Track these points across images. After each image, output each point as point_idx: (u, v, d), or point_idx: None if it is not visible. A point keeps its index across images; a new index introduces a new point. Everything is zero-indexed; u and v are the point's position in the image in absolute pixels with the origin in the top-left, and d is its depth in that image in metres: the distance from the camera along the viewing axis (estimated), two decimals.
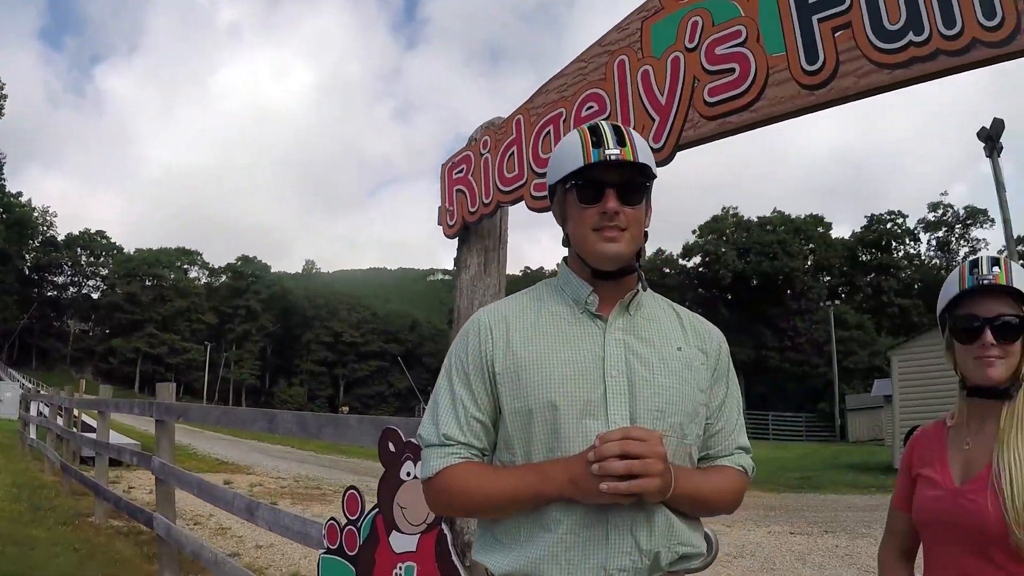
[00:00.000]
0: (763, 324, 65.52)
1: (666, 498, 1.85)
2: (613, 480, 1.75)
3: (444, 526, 3.60)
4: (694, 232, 73.52)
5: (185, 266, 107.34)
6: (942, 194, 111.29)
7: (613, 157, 1.92)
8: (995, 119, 23.35)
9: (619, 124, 2.06)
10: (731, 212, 73.93)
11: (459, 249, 4.32)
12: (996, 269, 2.13)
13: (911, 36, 2.57)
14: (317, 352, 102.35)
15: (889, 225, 74.85)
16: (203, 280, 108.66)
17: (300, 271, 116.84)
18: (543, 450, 1.90)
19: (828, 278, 73.56)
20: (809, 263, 71.60)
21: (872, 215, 77.01)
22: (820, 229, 74.53)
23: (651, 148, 3.23)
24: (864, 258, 74.96)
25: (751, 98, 2.81)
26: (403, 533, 3.83)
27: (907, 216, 76.59)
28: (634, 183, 1.97)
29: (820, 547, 10.58)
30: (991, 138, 23.35)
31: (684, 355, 2.03)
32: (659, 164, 3.22)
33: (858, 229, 76.62)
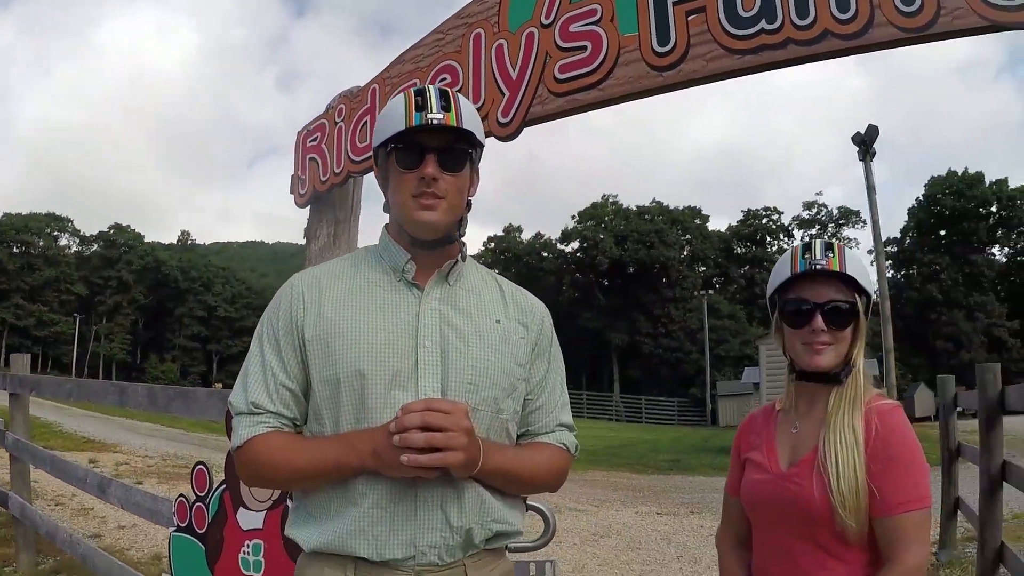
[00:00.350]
0: (638, 310, 66.74)
1: (474, 473, 1.80)
2: (414, 452, 1.69)
3: (290, 503, 3.51)
4: (573, 218, 74.33)
5: (55, 233, 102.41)
6: (817, 194, 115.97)
7: (435, 121, 1.84)
8: (870, 125, 24.64)
9: (447, 88, 1.97)
10: (610, 200, 75.03)
11: (309, 219, 4.23)
12: (830, 254, 2.09)
13: (763, 24, 2.60)
14: (190, 327, 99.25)
15: (764, 220, 77.12)
16: (74, 248, 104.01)
17: (175, 242, 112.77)
18: (351, 421, 1.83)
19: (703, 268, 75.42)
20: (685, 253, 73.27)
21: (748, 210, 79.29)
22: (697, 221, 76.34)
23: (499, 123, 3.25)
24: (739, 251, 77.13)
25: (600, 76, 2.81)
26: (250, 510, 3.73)
27: (782, 213, 79.05)
28: (456, 150, 1.90)
29: (686, 527, 10.80)
30: (865, 143, 24.62)
31: (502, 328, 1.97)
32: (505, 139, 3.22)
33: (734, 223, 78.90)
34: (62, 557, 6.98)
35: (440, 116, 1.85)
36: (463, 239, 2.00)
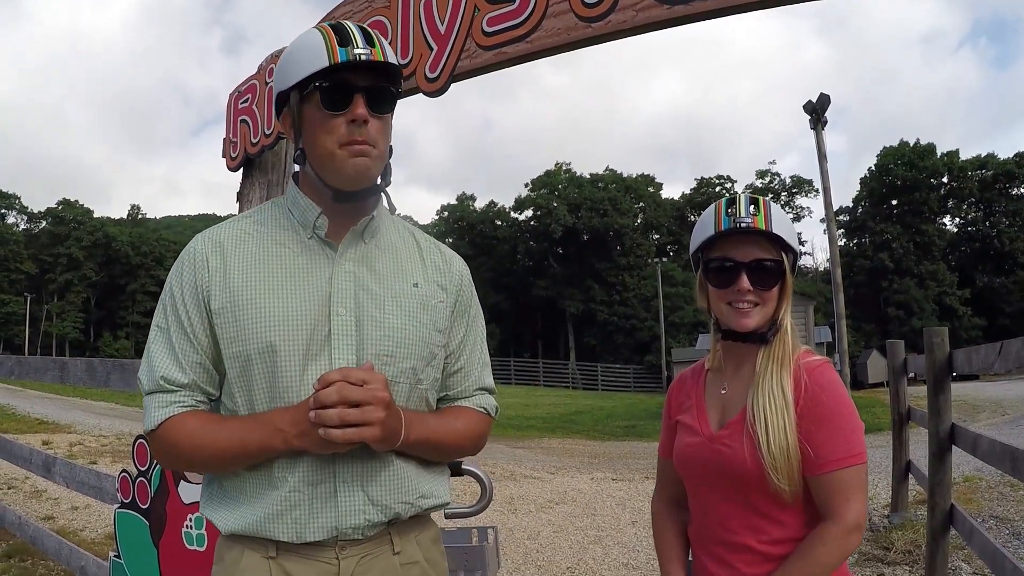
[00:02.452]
0: (593, 278, 66.91)
1: (397, 446, 1.72)
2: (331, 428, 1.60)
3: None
4: (527, 186, 74.11)
5: (2, 211, 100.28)
6: (770, 163, 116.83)
7: (363, 57, 1.69)
8: (821, 94, 24.84)
9: (363, 25, 1.79)
10: (564, 168, 74.91)
11: (242, 182, 4.13)
12: (755, 211, 2.02)
13: None
14: (143, 303, 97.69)
15: (717, 189, 77.44)
16: (22, 226, 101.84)
17: (125, 217, 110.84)
18: (265, 399, 1.72)
19: (657, 236, 75.68)
20: (639, 221, 73.47)
21: (701, 178, 79.64)
22: (651, 189, 76.53)
23: (427, 78, 3.18)
24: (692, 218, 77.28)
25: (528, 28, 2.74)
26: (191, 483, 3.68)
27: (736, 181, 79.44)
28: (385, 90, 1.75)
29: (640, 492, 10.89)
30: (816, 111, 24.84)
31: (421, 293, 1.86)
32: (434, 94, 3.16)
33: (688, 191, 79.24)
34: (14, 540, 6.89)
35: (367, 51, 1.69)
36: (387, 187, 1.87)
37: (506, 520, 8.99)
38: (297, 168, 1.88)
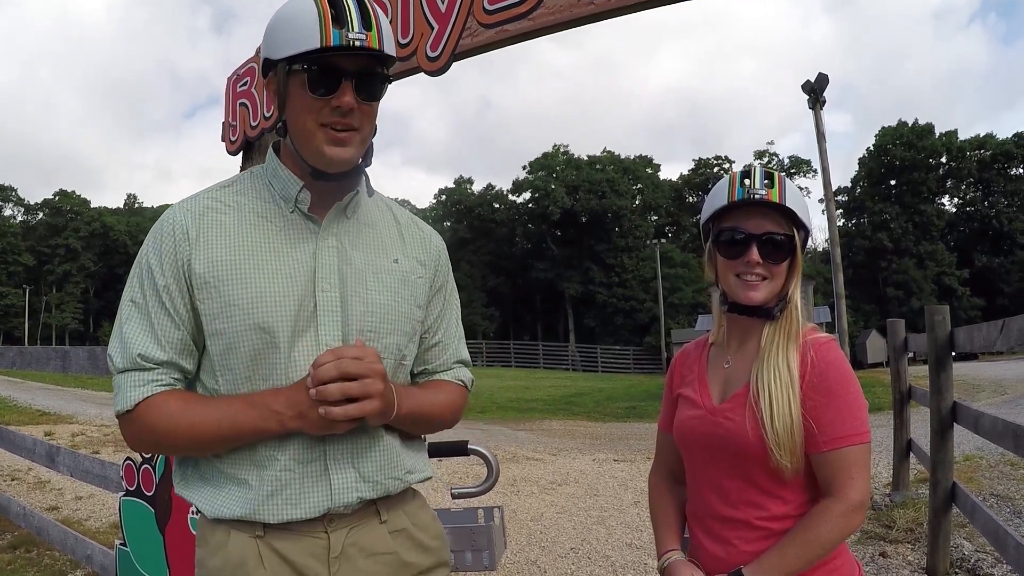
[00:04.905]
0: (591, 260, 66.91)
1: (390, 420, 1.72)
2: (330, 405, 1.59)
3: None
4: (524, 168, 74.03)
5: None
6: (768, 143, 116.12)
7: (358, 43, 1.61)
8: (820, 74, 24.95)
9: (366, 1, 1.69)
10: (561, 150, 74.83)
11: (242, 166, 4.12)
12: (769, 184, 2.00)
13: None
14: None
15: (716, 169, 77.29)
16: (19, 218, 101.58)
17: (122, 206, 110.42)
18: (249, 376, 1.69)
19: (655, 217, 75.60)
20: (637, 202, 73.38)
21: (699, 159, 79.49)
22: (648, 170, 76.44)
23: (428, 57, 3.15)
24: (691, 200, 77.43)
25: (530, 6, 2.71)
26: None
27: (734, 162, 79.18)
28: (376, 75, 1.70)
29: (642, 472, 10.85)
30: (815, 91, 24.85)
31: (401, 268, 1.85)
32: (435, 73, 3.13)
33: (686, 172, 79.13)
34: (19, 531, 6.88)
35: (363, 36, 1.61)
36: (368, 167, 1.83)
37: (509, 502, 9.00)
38: (279, 138, 1.83)
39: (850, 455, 1.90)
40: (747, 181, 2.01)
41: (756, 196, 1.99)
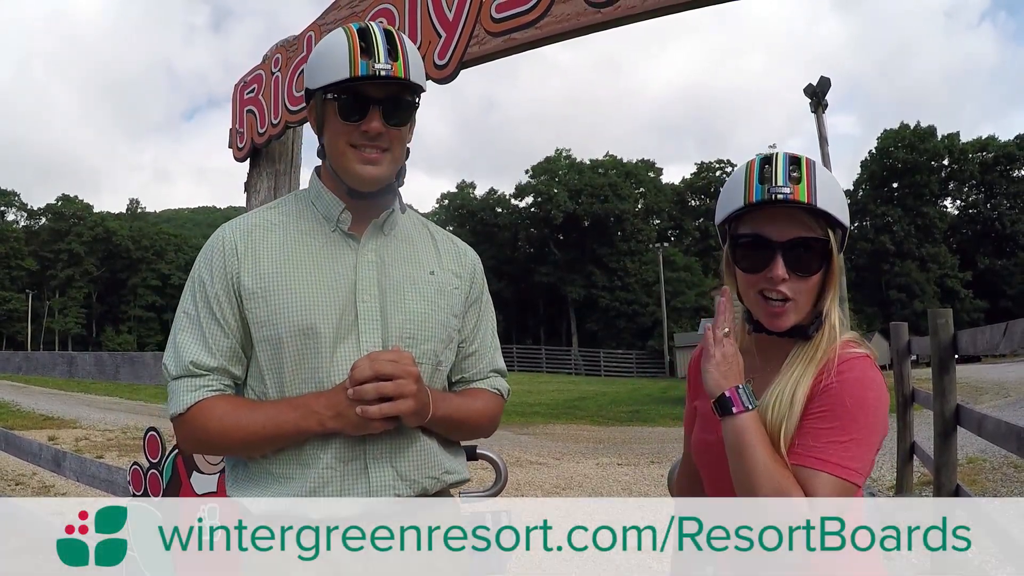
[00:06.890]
0: (594, 264, 66.91)
1: (425, 421, 1.80)
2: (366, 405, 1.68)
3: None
4: (527, 172, 74.12)
5: (1, 208, 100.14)
6: (770, 146, 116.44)
7: (384, 73, 1.74)
8: (822, 77, 24.97)
9: (391, 29, 1.84)
10: (564, 154, 74.84)
11: (249, 172, 4.15)
12: (796, 177, 1.63)
13: None
14: (145, 296, 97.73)
15: (718, 173, 77.39)
16: (22, 223, 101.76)
17: (125, 211, 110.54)
18: (296, 381, 1.79)
19: (658, 221, 75.73)
20: (640, 206, 73.42)
21: (702, 163, 79.68)
22: (651, 174, 76.57)
23: (435, 65, 3.18)
24: (693, 203, 77.56)
25: (537, 14, 2.74)
26: (203, 473, 3.70)
27: (735, 165, 79.23)
28: (402, 101, 1.83)
29: (646, 477, 10.93)
30: (817, 95, 24.88)
31: (437, 279, 1.95)
32: (443, 81, 3.15)
33: (688, 175, 79.23)
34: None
35: (388, 67, 1.75)
36: (401, 187, 1.95)
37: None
38: (320, 162, 1.96)
39: (817, 482, 1.56)
40: (767, 169, 1.66)
41: (779, 196, 1.62)
